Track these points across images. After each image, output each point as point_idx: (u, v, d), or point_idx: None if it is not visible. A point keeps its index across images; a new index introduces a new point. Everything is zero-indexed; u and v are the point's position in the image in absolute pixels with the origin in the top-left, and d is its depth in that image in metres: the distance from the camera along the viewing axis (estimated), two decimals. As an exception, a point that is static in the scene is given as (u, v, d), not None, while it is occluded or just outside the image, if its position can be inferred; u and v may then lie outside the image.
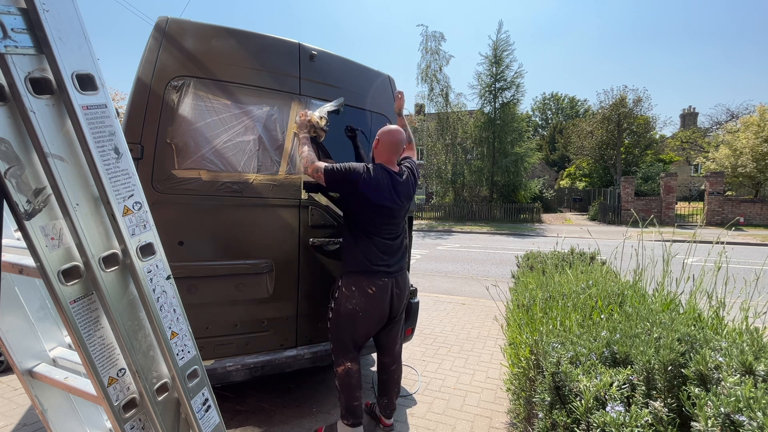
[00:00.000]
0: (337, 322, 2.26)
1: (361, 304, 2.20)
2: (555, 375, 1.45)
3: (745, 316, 1.90)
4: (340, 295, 2.24)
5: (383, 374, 2.47)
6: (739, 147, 20.84)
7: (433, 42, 23.61)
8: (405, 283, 2.39)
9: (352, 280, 2.21)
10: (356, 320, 2.22)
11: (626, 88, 25.56)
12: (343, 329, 2.24)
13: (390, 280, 2.26)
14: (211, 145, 2.20)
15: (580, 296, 2.37)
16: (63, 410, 1.21)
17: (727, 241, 3.22)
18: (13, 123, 0.80)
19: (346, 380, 2.24)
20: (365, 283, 2.20)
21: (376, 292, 2.20)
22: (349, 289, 2.21)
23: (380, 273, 2.22)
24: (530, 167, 24.80)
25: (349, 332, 2.24)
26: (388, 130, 2.34)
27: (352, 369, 2.25)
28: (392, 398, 2.49)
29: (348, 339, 2.26)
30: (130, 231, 0.93)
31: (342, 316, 2.22)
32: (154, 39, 2.05)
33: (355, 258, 2.22)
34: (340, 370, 2.25)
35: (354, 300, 2.19)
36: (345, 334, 2.25)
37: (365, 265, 2.20)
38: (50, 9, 0.80)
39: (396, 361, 2.48)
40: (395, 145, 2.33)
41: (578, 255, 4.04)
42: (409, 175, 2.40)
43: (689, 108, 36.70)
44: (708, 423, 1.03)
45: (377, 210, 2.22)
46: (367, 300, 2.19)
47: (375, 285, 2.20)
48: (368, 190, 2.17)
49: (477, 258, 10.41)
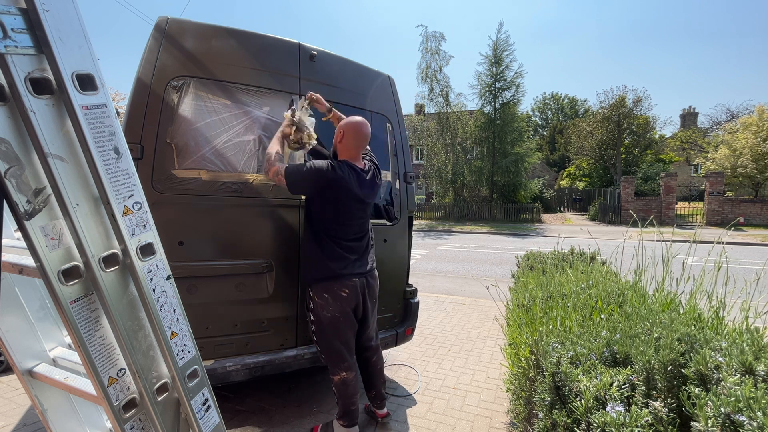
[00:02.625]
0: (323, 333, 2.19)
1: (338, 308, 2.14)
2: (555, 375, 1.45)
3: (745, 316, 1.90)
4: (315, 305, 2.16)
5: (367, 368, 2.46)
6: (739, 147, 20.85)
7: (433, 42, 23.61)
8: (375, 280, 2.35)
9: (322, 287, 2.13)
10: (339, 325, 2.17)
11: (626, 88, 25.62)
12: (332, 338, 2.19)
13: (360, 280, 2.20)
14: (211, 145, 2.20)
15: (580, 296, 2.37)
16: (63, 410, 1.21)
17: (727, 241, 3.22)
18: (13, 123, 0.80)
19: (343, 389, 2.23)
20: (336, 287, 2.13)
21: (350, 293, 2.15)
22: (322, 297, 2.13)
23: (349, 275, 2.15)
24: (530, 167, 24.80)
25: (338, 339, 2.19)
26: (354, 122, 2.15)
27: (349, 377, 2.22)
28: (380, 389, 2.49)
29: (339, 346, 2.20)
30: (130, 231, 0.93)
31: (325, 325, 2.17)
32: (154, 39, 2.05)
33: (321, 264, 2.12)
34: (336, 379, 2.23)
35: (330, 307, 2.13)
36: (335, 342, 2.19)
37: (332, 270, 2.11)
38: (50, 9, 0.80)
39: (376, 353, 2.46)
40: (363, 139, 2.17)
41: (578, 255, 4.04)
42: (375, 172, 2.26)
43: (689, 108, 36.68)
44: (708, 423, 1.03)
45: (343, 211, 2.11)
46: (343, 303, 2.14)
47: (347, 287, 2.14)
48: (333, 191, 2.05)
49: (477, 258, 10.40)
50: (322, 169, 2.01)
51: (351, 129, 2.14)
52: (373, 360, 2.45)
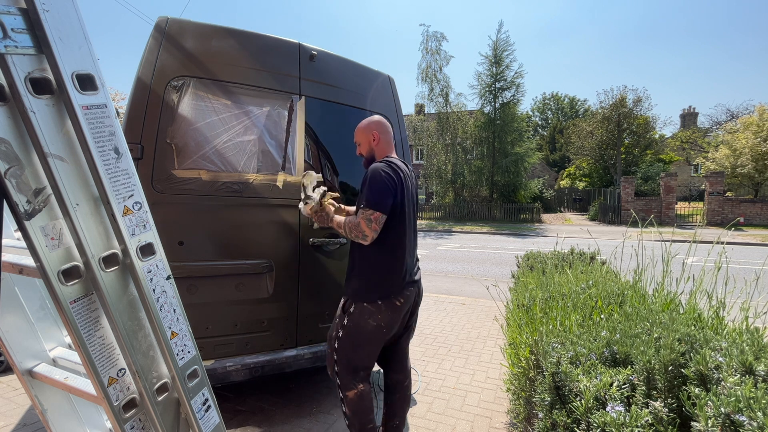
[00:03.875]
0: (353, 343, 1.91)
1: (387, 319, 1.89)
2: (555, 375, 1.45)
3: (745, 316, 1.90)
4: (361, 311, 1.88)
5: (395, 393, 2.14)
6: (739, 147, 20.86)
7: (434, 42, 23.64)
8: (422, 290, 2.16)
9: (378, 294, 1.88)
10: (379, 336, 1.92)
11: (626, 88, 25.59)
12: (361, 349, 1.92)
13: (413, 289, 2.01)
14: (211, 145, 2.20)
15: (580, 296, 2.37)
16: (63, 410, 1.21)
17: (727, 241, 3.22)
18: (13, 123, 0.80)
19: (359, 404, 1.93)
20: (393, 296, 1.90)
21: (404, 303, 1.94)
22: (374, 304, 1.87)
23: (407, 284, 1.96)
24: (530, 167, 24.81)
25: (367, 352, 1.94)
26: (378, 120, 2.07)
27: (365, 390, 1.94)
28: (404, 418, 2.19)
29: (364, 359, 1.95)
30: (130, 231, 0.93)
31: (362, 334, 1.89)
32: (154, 39, 2.05)
33: (379, 276, 1.89)
34: (351, 394, 1.92)
35: (380, 315, 1.87)
36: (361, 355, 1.93)
37: (393, 281, 1.90)
38: (50, 9, 0.80)
39: (408, 377, 2.19)
40: (391, 135, 2.09)
41: (578, 255, 4.04)
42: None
43: (689, 108, 36.68)
44: (708, 423, 1.03)
45: (407, 214, 1.92)
46: (393, 313, 1.91)
47: (403, 296, 1.93)
48: (402, 196, 1.87)
49: (477, 258, 10.40)
50: (393, 180, 1.83)
51: (380, 126, 2.04)
52: (405, 384, 2.17)
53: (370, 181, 1.80)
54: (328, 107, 2.60)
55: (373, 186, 1.79)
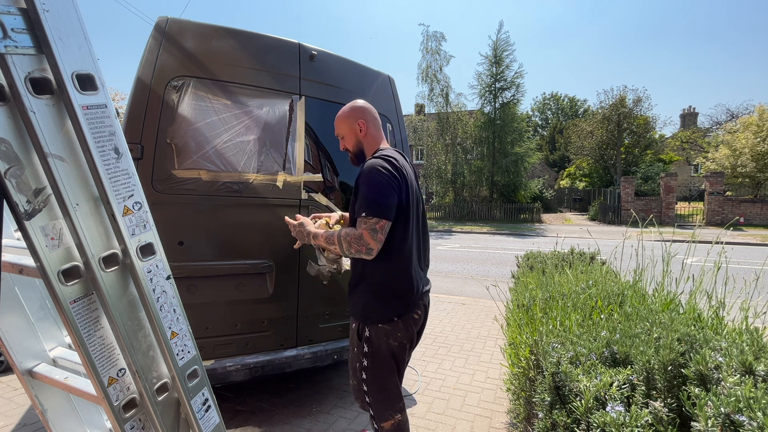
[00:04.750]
0: (380, 368, 1.69)
1: (407, 335, 1.70)
2: (555, 375, 1.45)
3: (745, 316, 1.90)
4: (377, 334, 1.66)
5: None
6: (739, 147, 20.86)
7: (434, 42, 23.65)
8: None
9: (394, 312, 1.66)
10: (403, 355, 1.74)
11: (626, 88, 25.59)
12: (389, 372, 1.70)
13: (427, 297, 1.82)
14: (211, 145, 2.20)
15: (580, 296, 2.37)
16: (63, 410, 1.21)
17: (726, 241, 3.22)
18: (13, 123, 0.80)
19: None
20: (410, 310, 1.69)
21: (421, 314, 1.76)
22: (391, 323, 1.65)
23: (422, 294, 1.75)
24: (530, 167, 24.82)
25: (397, 373, 1.74)
26: (362, 105, 1.77)
27: (404, 419, 1.75)
28: None
29: (396, 382, 1.74)
30: (130, 231, 0.93)
31: (386, 357, 1.68)
32: (154, 39, 2.06)
33: (391, 292, 1.66)
34: (387, 425, 1.72)
35: (399, 333, 1.67)
36: (392, 378, 1.72)
37: (406, 294, 1.68)
38: (50, 9, 0.80)
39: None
40: (379, 121, 1.81)
41: (578, 255, 4.04)
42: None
43: (689, 108, 36.68)
44: (708, 423, 1.03)
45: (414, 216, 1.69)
46: (413, 327, 1.72)
47: (419, 307, 1.74)
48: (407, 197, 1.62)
49: (477, 258, 10.40)
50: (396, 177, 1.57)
51: (366, 112, 1.75)
52: None
53: (368, 183, 1.54)
54: (328, 107, 2.60)
55: (372, 189, 1.53)
